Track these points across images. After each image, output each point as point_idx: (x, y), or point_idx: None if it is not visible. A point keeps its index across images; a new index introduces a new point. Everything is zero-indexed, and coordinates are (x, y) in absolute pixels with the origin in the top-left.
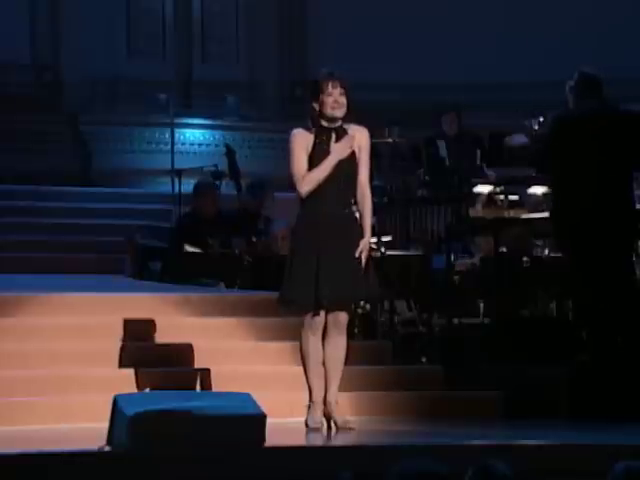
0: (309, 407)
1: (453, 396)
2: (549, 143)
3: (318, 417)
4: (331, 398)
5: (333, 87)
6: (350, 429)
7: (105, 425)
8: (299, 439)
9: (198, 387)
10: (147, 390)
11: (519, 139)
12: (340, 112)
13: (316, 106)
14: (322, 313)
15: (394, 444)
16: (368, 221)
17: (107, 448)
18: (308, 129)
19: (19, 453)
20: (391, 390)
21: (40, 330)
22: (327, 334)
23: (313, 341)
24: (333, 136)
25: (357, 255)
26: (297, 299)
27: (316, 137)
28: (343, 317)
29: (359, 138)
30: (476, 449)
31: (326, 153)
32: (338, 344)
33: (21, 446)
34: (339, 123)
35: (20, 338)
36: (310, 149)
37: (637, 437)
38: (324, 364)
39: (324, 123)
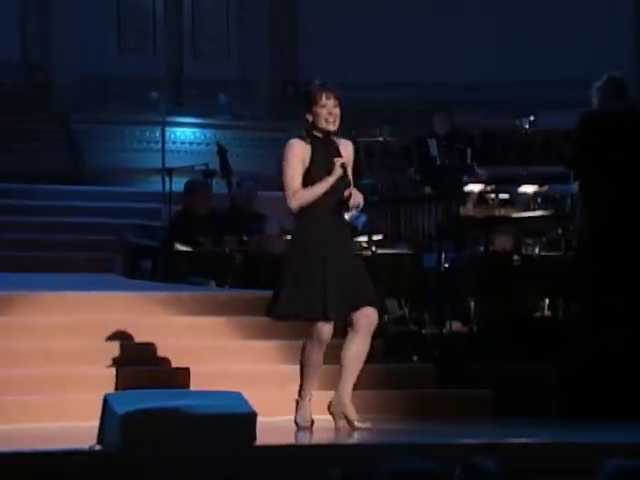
0: (297, 403)
1: (444, 395)
2: (579, 140)
3: (308, 415)
4: (348, 398)
5: (327, 98)
6: (367, 428)
7: (97, 424)
8: (290, 438)
9: (186, 386)
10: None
11: None
12: (334, 125)
13: (309, 117)
14: (331, 329)
15: (385, 443)
16: None
17: (98, 447)
18: (304, 139)
19: (12, 452)
20: (382, 389)
21: (32, 329)
22: (356, 333)
23: (317, 356)
24: (329, 148)
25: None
26: (305, 312)
27: (313, 147)
28: (375, 317)
29: (347, 152)
30: (467, 448)
31: (325, 163)
32: (364, 346)
33: (14, 445)
34: (332, 136)
35: (12, 337)
36: (308, 160)
37: (627, 435)
38: (341, 362)
39: (317, 134)
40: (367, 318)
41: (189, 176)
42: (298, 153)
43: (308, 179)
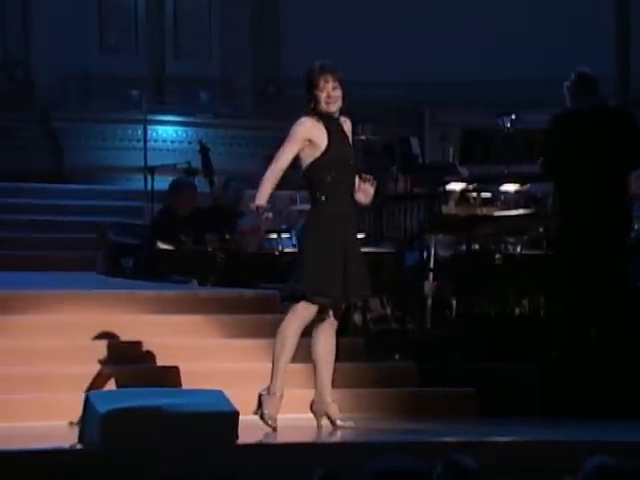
0: (262, 398)
1: (426, 393)
2: (551, 141)
3: (276, 414)
4: (330, 397)
5: (325, 81)
6: (350, 427)
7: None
8: (271, 436)
9: (168, 385)
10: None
11: None
12: (335, 106)
13: (311, 100)
14: (317, 307)
15: (367, 441)
16: None
17: (79, 446)
18: (313, 117)
19: None
20: (364, 387)
21: (13, 328)
22: (323, 330)
23: (297, 335)
24: (337, 125)
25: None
26: (330, 294)
27: (327, 126)
28: (338, 314)
29: (348, 129)
30: (449, 446)
31: (339, 141)
32: (333, 341)
33: None
34: (336, 115)
35: None
36: (325, 138)
37: (608, 434)
38: (314, 361)
39: (322, 112)
40: (330, 314)
41: (171, 174)
42: (305, 132)
43: (326, 157)
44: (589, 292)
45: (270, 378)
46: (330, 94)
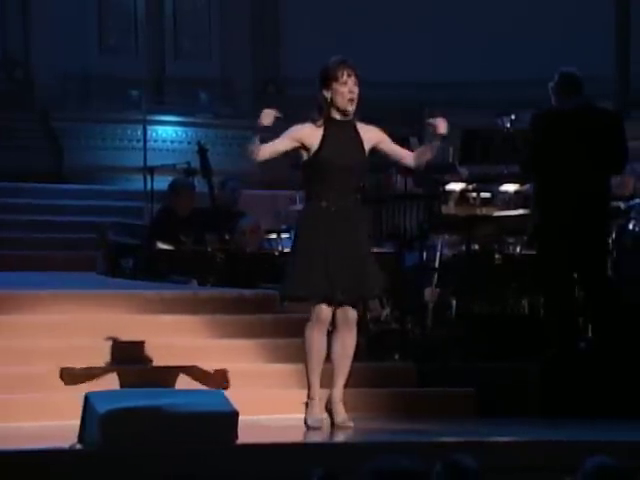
0: (307, 405)
1: (426, 393)
2: (531, 140)
3: (318, 415)
4: (337, 397)
5: (348, 75)
6: (348, 427)
7: (78, 423)
8: (271, 437)
9: (168, 385)
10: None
11: None
12: (353, 106)
13: (327, 95)
14: (330, 309)
15: (367, 441)
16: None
17: (79, 446)
18: (315, 122)
19: None
20: (363, 387)
21: (13, 328)
22: (336, 330)
23: (318, 338)
24: (346, 130)
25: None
26: (309, 295)
27: (326, 131)
28: (352, 314)
29: (375, 137)
30: (449, 446)
31: (337, 145)
32: (347, 341)
33: None
34: (350, 117)
35: None
36: (318, 143)
37: (608, 434)
38: (331, 360)
39: (335, 115)
40: (345, 318)
41: (171, 174)
42: (297, 135)
43: (315, 162)
44: (569, 292)
45: (307, 385)
46: (352, 90)
